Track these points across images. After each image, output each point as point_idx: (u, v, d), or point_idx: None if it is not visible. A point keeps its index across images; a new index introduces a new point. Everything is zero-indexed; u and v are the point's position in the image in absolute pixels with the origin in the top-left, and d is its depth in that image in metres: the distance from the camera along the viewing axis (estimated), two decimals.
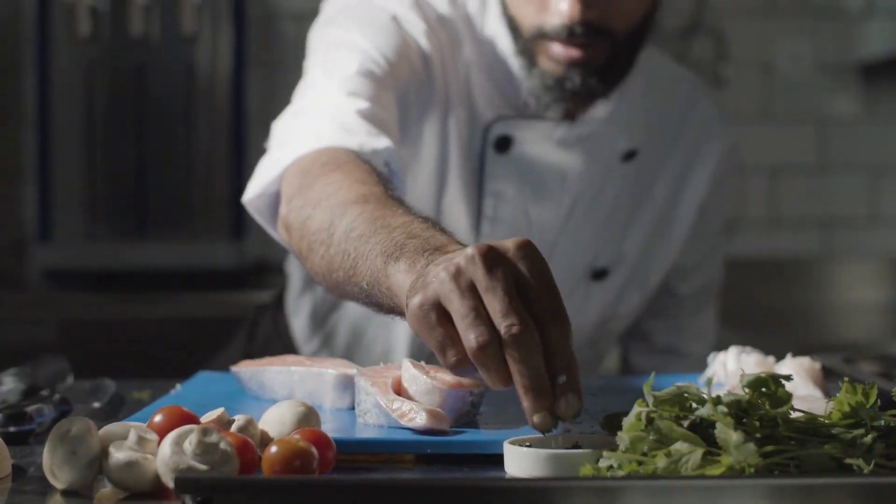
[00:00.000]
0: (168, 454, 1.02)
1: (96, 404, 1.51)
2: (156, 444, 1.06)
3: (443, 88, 1.83)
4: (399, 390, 1.27)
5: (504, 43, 1.83)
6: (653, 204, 1.99)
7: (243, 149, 3.39)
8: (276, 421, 1.17)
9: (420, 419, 1.21)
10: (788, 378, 1.04)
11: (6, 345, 2.93)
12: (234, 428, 1.13)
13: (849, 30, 3.79)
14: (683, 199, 2.02)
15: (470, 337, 1.08)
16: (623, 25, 1.75)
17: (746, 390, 1.03)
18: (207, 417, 1.15)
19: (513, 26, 1.79)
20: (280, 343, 2.06)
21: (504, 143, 1.85)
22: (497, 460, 1.11)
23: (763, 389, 1.03)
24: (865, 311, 3.65)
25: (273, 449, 1.04)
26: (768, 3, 3.78)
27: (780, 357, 1.52)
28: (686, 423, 1.01)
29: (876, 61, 3.72)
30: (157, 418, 1.12)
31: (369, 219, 1.34)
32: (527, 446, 1.09)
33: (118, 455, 1.05)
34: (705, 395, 1.02)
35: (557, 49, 1.74)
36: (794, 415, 1.04)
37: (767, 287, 3.68)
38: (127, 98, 3.37)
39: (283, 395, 1.41)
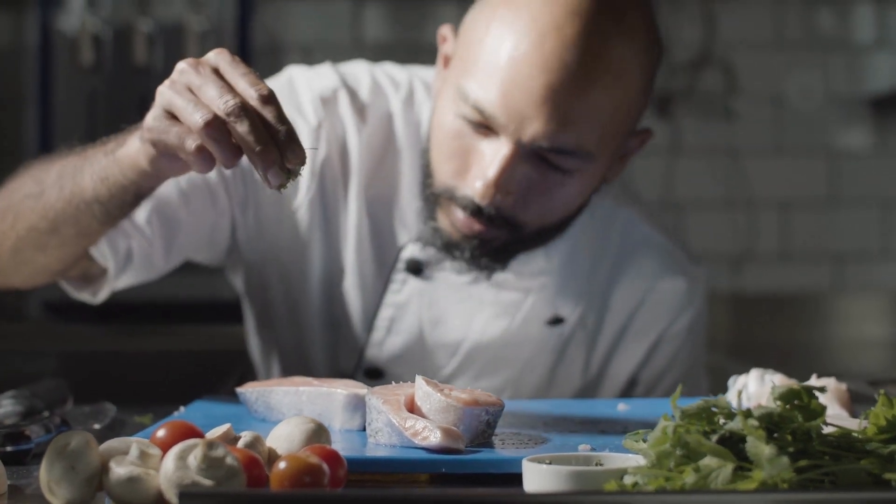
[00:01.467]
0: (171, 469, 0.98)
1: (96, 426, 1.48)
2: (158, 459, 1.02)
3: (334, 183, 1.76)
4: (412, 408, 1.23)
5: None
6: (578, 375, 1.84)
7: None
8: (284, 438, 1.13)
9: (434, 437, 1.16)
10: (822, 390, 1.00)
11: (6, 376, 2.89)
12: (240, 444, 1.08)
13: (859, 63, 3.77)
14: (610, 375, 1.86)
15: (195, 120, 1.23)
16: (534, 222, 1.64)
17: (778, 403, 0.99)
18: (213, 434, 1.10)
19: (428, 171, 1.67)
20: None
21: (414, 266, 1.76)
22: (515, 480, 1.08)
23: (795, 402, 0.99)
24: (877, 345, 3.61)
25: (282, 465, 1.00)
26: (778, 36, 3.76)
27: None
28: (715, 438, 0.97)
29: (886, 94, 3.70)
30: (160, 433, 1.07)
31: (76, 156, 1.51)
32: (547, 464, 1.05)
33: (119, 470, 1.01)
34: (734, 409, 0.99)
35: (460, 217, 1.62)
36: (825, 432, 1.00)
37: (778, 322, 3.64)
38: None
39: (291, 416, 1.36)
